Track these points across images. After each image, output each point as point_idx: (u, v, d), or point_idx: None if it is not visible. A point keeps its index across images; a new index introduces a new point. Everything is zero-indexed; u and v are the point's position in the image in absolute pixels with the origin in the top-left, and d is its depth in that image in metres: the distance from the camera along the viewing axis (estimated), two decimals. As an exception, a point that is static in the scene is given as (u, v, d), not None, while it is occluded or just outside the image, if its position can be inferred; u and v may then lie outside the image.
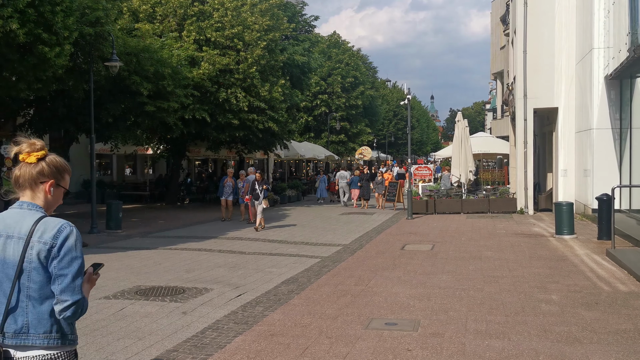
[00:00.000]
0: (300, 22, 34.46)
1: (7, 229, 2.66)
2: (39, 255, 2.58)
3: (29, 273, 2.60)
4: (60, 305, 2.56)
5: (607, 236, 12.97)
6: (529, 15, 20.90)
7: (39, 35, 12.44)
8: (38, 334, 2.60)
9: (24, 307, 2.60)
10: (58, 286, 2.57)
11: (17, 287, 2.60)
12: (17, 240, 2.62)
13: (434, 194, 22.90)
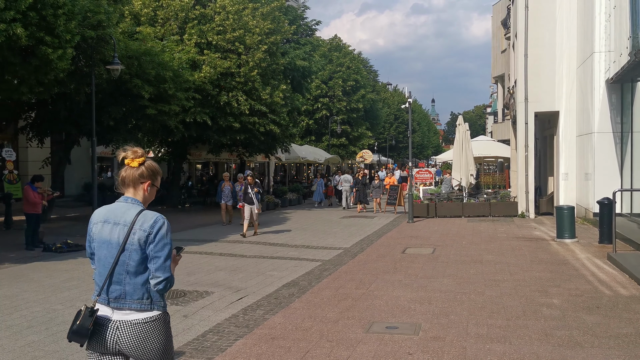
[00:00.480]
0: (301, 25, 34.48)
1: (115, 217, 3.38)
2: (139, 240, 3.29)
3: (129, 253, 3.30)
4: (155, 280, 3.28)
5: (609, 240, 12.96)
6: (530, 19, 20.92)
7: (41, 38, 12.46)
8: (133, 299, 3.30)
9: (123, 279, 3.31)
10: (153, 265, 3.29)
11: (117, 263, 3.30)
12: (122, 227, 3.33)
13: (435, 198, 22.90)
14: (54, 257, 12.85)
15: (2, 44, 11.86)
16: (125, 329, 3.28)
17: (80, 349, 6.26)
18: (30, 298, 8.76)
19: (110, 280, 3.32)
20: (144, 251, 3.30)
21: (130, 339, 3.27)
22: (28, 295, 8.96)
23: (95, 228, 3.44)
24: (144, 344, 3.28)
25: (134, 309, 3.30)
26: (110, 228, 3.36)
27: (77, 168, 27.16)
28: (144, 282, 3.31)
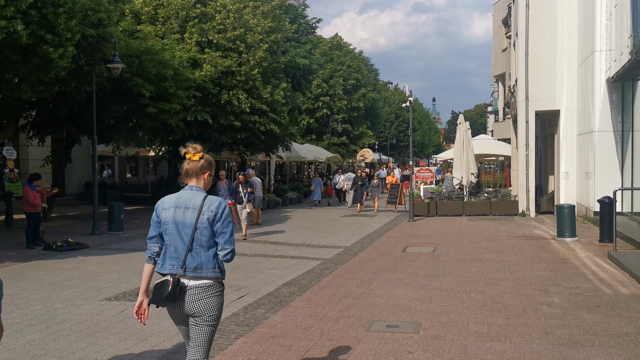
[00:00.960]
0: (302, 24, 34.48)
1: (185, 203, 4.08)
2: (208, 219, 4.02)
3: (201, 230, 4.01)
4: (224, 252, 4.04)
5: (609, 239, 12.95)
6: (530, 18, 20.91)
7: (42, 36, 12.46)
8: (208, 269, 4.02)
9: (198, 252, 4.02)
10: (221, 239, 4.03)
11: (193, 240, 4.00)
12: (193, 210, 4.04)
13: (436, 196, 22.90)
14: (54, 255, 12.86)
15: (2, 42, 11.86)
16: (199, 292, 4.02)
17: (81, 346, 6.28)
18: (30, 296, 8.77)
19: (188, 254, 4.01)
20: (212, 228, 4.04)
21: (200, 301, 4.02)
22: (29, 293, 8.97)
23: (166, 213, 4.10)
24: (210, 304, 4.05)
25: (207, 276, 4.03)
26: (182, 212, 4.07)
27: (78, 167, 27.16)
28: (214, 254, 4.06)
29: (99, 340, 6.53)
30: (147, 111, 18.58)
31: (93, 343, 6.44)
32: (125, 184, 31.96)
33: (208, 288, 4.05)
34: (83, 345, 6.35)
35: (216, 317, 4.10)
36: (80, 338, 6.61)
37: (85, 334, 6.77)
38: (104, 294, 8.86)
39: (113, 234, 16.45)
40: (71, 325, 7.13)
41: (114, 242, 15.10)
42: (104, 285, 9.50)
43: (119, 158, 31.98)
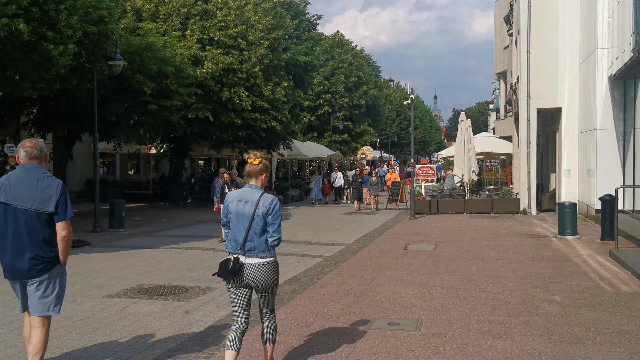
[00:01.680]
0: (303, 21, 34.46)
1: (245, 198, 5.03)
2: (262, 213, 4.97)
3: (256, 221, 4.97)
4: (272, 238, 5.00)
5: (610, 237, 12.94)
6: (532, 15, 20.86)
7: (43, 33, 12.45)
8: (259, 250, 4.99)
9: (252, 238, 4.98)
10: (271, 229, 5.00)
11: (250, 228, 4.96)
12: (251, 204, 4.99)
13: (437, 194, 22.88)
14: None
15: (4, 39, 11.86)
16: (254, 269, 4.99)
17: (82, 343, 6.28)
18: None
19: (245, 239, 4.97)
20: (265, 220, 4.98)
21: (256, 275, 5.00)
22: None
23: (232, 205, 5.08)
24: (264, 278, 5.02)
25: (259, 256, 4.99)
26: (243, 205, 5.02)
27: (79, 164, 27.17)
28: (266, 240, 5.00)
29: (100, 338, 6.53)
30: (148, 108, 18.60)
31: (94, 340, 6.44)
32: (126, 181, 31.98)
33: (262, 265, 5.00)
34: (84, 343, 6.36)
35: (272, 286, 5.14)
36: (82, 335, 6.61)
37: (87, 330, 6.77)
38: (106, 291, 8.86)
39: (114, 232, 16.47)
40: (73, 322, 7.14)
41: (116, 239, 15.11)
42: (105, 283, 9.51)
43: (120, 155, 32.00)
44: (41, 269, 4.81)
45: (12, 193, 4.81)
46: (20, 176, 4.87)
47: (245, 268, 4.98)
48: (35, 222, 4.78)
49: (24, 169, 4.90)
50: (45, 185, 4.84)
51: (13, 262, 4.79)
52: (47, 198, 4.81)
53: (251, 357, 5.89)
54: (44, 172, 4.95)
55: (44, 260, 4.81)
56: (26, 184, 4.83)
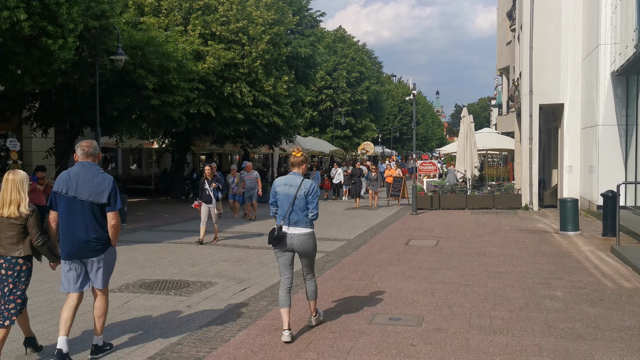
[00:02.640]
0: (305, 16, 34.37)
1: (290, 182, 6.36)
2: (303, 193, 6.29)
3: (299, 200, 6.28)
4: (311, 214, 6.30)
5: (612, 233, 12.95)
6: (535, 11, 20.81)
7: (44, 27, 12.44)
8: (302, 222, 6.30)
9: (296, 213, 6.29)
10: (311, 206, 6.31)
11: (293, 205, 6.27)
12: (294, 187, 6.31)
13: (439, 190, 22.88)
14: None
15: (5, 33, 11.85)
16: (297, 237, 6.33)
17: (84, 338, 6.31)
18: (34, 287, 8.79)
19: (289, 214, 6.31)
20: (305, 199, 6.32)
21: (299, 242, 6.34)
22: (32, 284, 8.95)
23: (279, 188, 6.42)
24: (305, 244, 6.38)
25: (302, 227, 6.34)
26: (288, 188, 6.37)
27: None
28: (305, 214, 6.34)
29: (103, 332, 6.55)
30: (150, 103, 18.60)
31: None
32: (128, 176, 32.00)
33: (303, 235, 6.35)
34: (87, 337, 6.38)
35: (312, 251, 6.50)
36: (84, 329, 6.63)
37: (89, 325, 6.79)
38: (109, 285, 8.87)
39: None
40: (75, 317, 7.15)
41: (117, 234, 15.13)
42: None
43: (122, 150, 32.01)
44: (97, 250, 5.68)
45: (72, 186, 5.61)
46: (78, 172, 5.66)
47: (290, 237, 6.30)
48: (90, 212, 5.62)
49: (82, 166, 5.71)
50: (99, 180, 5.64)
51: (73, 245, 5.61)
52: (101, 191, 5.62)
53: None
54: (98, 169, 5.77)
55: (98, 243, 5.67)
56: (83, 179, 5.62)
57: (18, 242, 5.44)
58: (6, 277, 5.43)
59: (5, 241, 5.41)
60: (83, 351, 5.95)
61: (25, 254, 5.49)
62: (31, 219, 5.47)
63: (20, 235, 5.43)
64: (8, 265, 5.43)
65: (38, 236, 5.51)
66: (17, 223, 5.41)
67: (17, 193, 5.44)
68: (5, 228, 5.39)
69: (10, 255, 5.43)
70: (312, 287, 6.64)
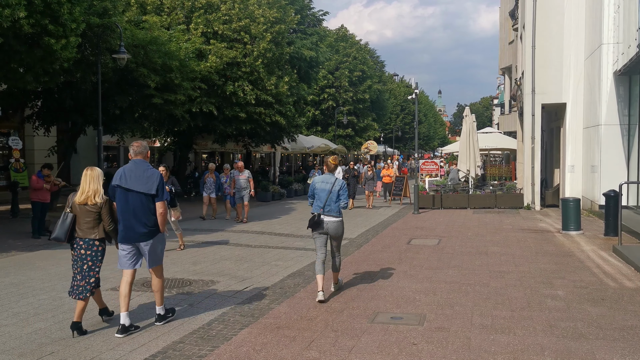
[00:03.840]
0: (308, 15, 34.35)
1: (326, 180, 8.17)
2: (336, 189, 8.07)
3: (333, 194, 8.04)
4: (342, 203, 8.08)
5: (614, 232, 12.94)
6: (538, 10, 20.79)
7: (45, 26, 12.43)
8: (335, 211, 8.05)
9: (330, 203, 8.03)
10: (342, 197, 8.07)
11: (328, 197, 8.02)
12: (329, 184, 8.09)
13: (441, 189, 22.87)
14: (60, 245, 12.82)
15: (7, 31, 11.85)
16: (331, 223, 8.02)
17: (87, 335, 6.32)
18: (36, 286, 8.83)
19: (325, 205, 8.00)
20: (338, 193, 8.04)
21: (332, 227, 8.04)
22: (34, 283, 9.02)
23: (318, 184, 8.16)
24: (336, 229, 8.10)
25: (334, 216, 8.03)
26: (325, 185, 8.12)
27: (83, 157, 27.17)
28: (338, 205, 8.05)
29: (104, 330, 6.57)
30: (152, 102, 18.59)
31: (98, 332, 6.48)
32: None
33: (336, 220, 8.09)
34: (89, 335, 6.39)
35: (340, 235, 8.26)
36: (86, 327, 6.64)
37: (91, 323, 6.80)
38: (110, 284, 8.89)
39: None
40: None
41: (119, 232, 15.14)
42: (109, 275, 9.53)
43: (124, 149, 32.01)
44: (148, 235, 6.56)
45: (127, 181, 6.51)
46: (132, 168, 6.58)
47: (326, 223, 8.01)
48: (143, 202, 6.51)
49: (134, 163, 6.64)
50: (149, 175, 6.55)
51: (130, 231, 6.53)
52: (151, 184, 6.51)
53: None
54: (148, 165, 6.68)
55: (150, 228, 6.56)
56: (136, 174, 6.52)
57: (94, 227, 6.51)
58: (85, 256, 6.50)
59: (83, 225, 6.49)
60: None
61: (100, 237, 6.56)
62: (104, 208, 6.51)
63: (95, 220, 6.51)
64: (87, 246, 6.51)
65: (110, 222, 6.56)
66: (93, 210, 6.47)
67: (94, 185, 6.49)
68: (84, 214, 6.47)
69: (88, 237, 6.50)
70: (337, 262, 8.41)
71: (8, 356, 5.73)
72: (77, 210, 6.50)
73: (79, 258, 6.52)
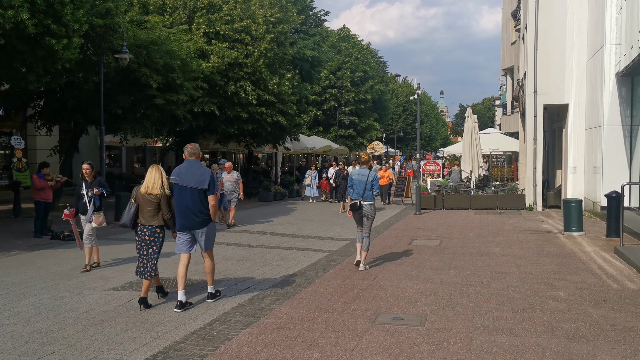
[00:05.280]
0: (310, 15, 34.36)
1: (362, 173, 10.21)
2: (370, 181, 10.09)
3: (368, 184, 10.09)
4: (375, 191, 10.19)
5: (616, 234, 12.91)
6: (540, 11, 20.78)
7: (48, 26, 12.44)
8: (369, 198, 10.13)
9: (366, 192, 10.12)
10: (375, 187, 10.16)
11: (364, 186, 10.09)
12: (365, 176, 10.11)
13: (443, 190, 22.86)
14: (61, 244, 12.94)
15: (10, 31, 11.86)
16: (367, 206, 10.09)
17: (87, 335, 6.33)
18: (38, 285, 8.83)
19: (363, 193, 10.00)
20: (372, 183, 10.02)
21: (367, 210, 10.11)
22: (36, 282, 9.03)
23: (355, 177, 10.12)
24: (371, 211, 10.17)
25: (369, 201, 10.08)
26: (360, 177, 10.08)
27: (86, 157, 27.12)
28: (371, 192, 10.06)
29: (106, 329, 6.57)
30: (154, 102, 18.59)
31: (100, 332, 6.48)
32: (132, 174, 32.03)
33: (371, 205, 10.12)
34: (90, 334, 6.40)
35: (373, 216, 10.31)
36: (87, 327, 6.65)
37: (92, 322, 6.81)
38: (111, 283, 8.90)
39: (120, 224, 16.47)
40: (78, 314, 7.18)
41: (121, 232, 15.15)
42: (110, 275, 9.55)
43: (126, 148, 32.04)
44: (203, 223, 7.61)
45: (183, 178, 7.56)
46: (187, 167, 7.64)
47: (363, 206, 10.03)
48: (197, 196, 7.53)
49: (188, 163, 7.70)
50: (201, 172, 7.60)
51: (186, 220, 7.57)
52: (203, 180, 7.55)
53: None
54: (200, 164, 7.75)
55: (203, 218, 7.59)
56: (191, 172, 7.58)
57: (154, 215, 7.59)
58: (150, 242, 7.63)
59: (146, 214, 7.58)
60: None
61: (159, 224, 7.64)
62: (163, 199, 7.59)
63: (155, 210, 7.59)
64: (150, 232, 7.61)
65: (167, 212, 7.63)
66: (154, 201, 7.56)
67: (158, 179, 7.61)
68: (146, 204, 7.57)
69: (150, 224, 7.60)
70: (367, 243, 10.23)
71: (9, 355, 5.74)
72: (140, 200, 7.60)
73: (144, 243, 7.61)
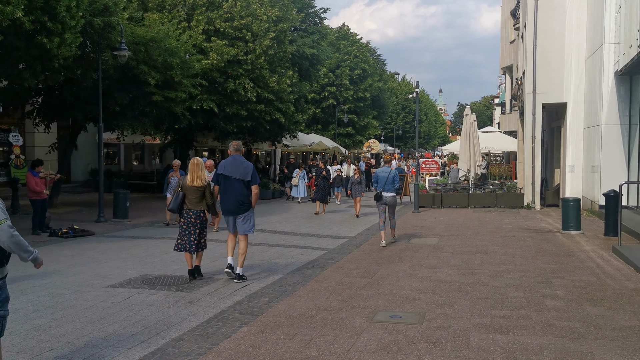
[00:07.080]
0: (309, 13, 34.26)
1: (385, 170, 12.85)
2: (392, 176, 12.65)
3: (389, 179, 12.59)
4: (396, 185, 12.75)
5: (614, 232, 12.93)
6: (539, 10, 20.77)
7: (44, 22, 12.41)
8: (391, 190, 12.61)
9: (388, 185, 12.57)
10: (395, 181, 12.70)
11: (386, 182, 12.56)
12: (387, 173, 12.71)
13: (441, 188, 22.86)
14: (60, 242, 12.93)
15: (6, 29, 11.84)
16: (389, 197, 12.59)
17: (86, 332, 6.33)
18: (36, 282, 8.83)
19: (384, 186, 12.50)
20: (393, 179, 12.57)
21: (389, 200, 12.61)
22: (34, 279, 9.02)
23: (380, 173, 12.70)
24: (392, 201, 12.72)
25: (390, 192, 12.57)
26: (384, 173, 12.65)
27: (84, 154, 27.19)
28: (393, 186, 12.56)
29: (104, 327, 6.57)
30: (153, 99, 18.58)
31: (98, 329, 6.48)
32: (130, 171, 32.02)
33: (391, 195, 12.53)
34: (88, 332, 6.39)
35: (394, 204, 12.78)
36: (86, 324, 6.65)
37: (91, 320, 6.81)
38: (109, 281, 8.90)
39: (118, 222, 16.50)
40: (76, 312, 7.18)
41: (120, 229, 15.15)
42: (109, 272, 9.55)
43: (124, 146, 32.01)
44: (243, 210, 8.85)
45: (229, 170, 8.84)
46: (232, 161, 8.91)
47: (385, 197, 12.35)
48: (240, 186, 8.82)
49: (233, 158, 8.95)
50: (245, 166, 8.87)
51: (230, 206, 8.87)
52: (246, 172, 8.80)
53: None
54: (243, 159, 9.03)
55: (244, 204, 8.86)
56: (235, 165, 8.86)
57: (199, 202, 8.96)
58: (196, 224, 8.94)
59: (193, 200, 8.93)
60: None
61: (203, 209, 9.02)
62: (207, 188, 9.01)
63: (200, 197, 8.96)
64: (195, 216, 8.95)
65: (210, 198, 9.05)
66: (199, 190, 8.92)
67: (200, 172, 8.98)
68: (192, 192, 8.94)
69: (196, 209, 8.95)
70: (393, 224, 12.89)
71: (7, 353, 5.73)
72: (187, 189, 8.97)
73: (190, 225, 8.92)
